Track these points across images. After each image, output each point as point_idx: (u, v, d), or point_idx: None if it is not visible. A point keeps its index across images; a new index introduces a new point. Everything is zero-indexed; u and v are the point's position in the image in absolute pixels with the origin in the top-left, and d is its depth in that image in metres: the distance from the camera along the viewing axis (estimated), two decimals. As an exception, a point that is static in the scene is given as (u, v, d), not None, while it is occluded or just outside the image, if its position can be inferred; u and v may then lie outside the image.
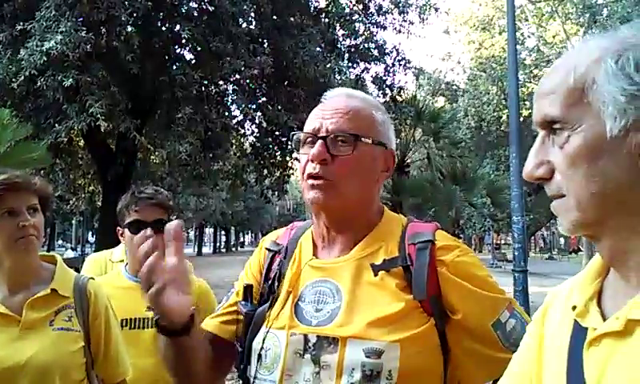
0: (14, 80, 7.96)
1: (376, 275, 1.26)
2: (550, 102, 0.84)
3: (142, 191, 2.40)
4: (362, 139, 1.31)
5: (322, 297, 1.29)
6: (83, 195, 15.38)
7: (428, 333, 1.22)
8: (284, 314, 1.30)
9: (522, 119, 13.75)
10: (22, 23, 8.01)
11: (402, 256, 1.28)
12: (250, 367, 1.34)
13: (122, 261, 2.97)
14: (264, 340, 1.31)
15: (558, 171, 0.84)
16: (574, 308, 0.88)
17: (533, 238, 42.79)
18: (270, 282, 1.41)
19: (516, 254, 8.88)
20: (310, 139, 1.33)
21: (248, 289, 1.41)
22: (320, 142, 1.30)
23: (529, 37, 23.63)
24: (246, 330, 1.38)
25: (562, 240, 47.97)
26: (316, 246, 1.40)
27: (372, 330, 1.19)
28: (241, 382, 1.40)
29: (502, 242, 45.39)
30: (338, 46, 11.88)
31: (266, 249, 1.49)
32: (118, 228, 2.45)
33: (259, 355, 1.31)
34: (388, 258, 1.28)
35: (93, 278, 2.16)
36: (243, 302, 1.40)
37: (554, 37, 22.89)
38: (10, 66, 8.07)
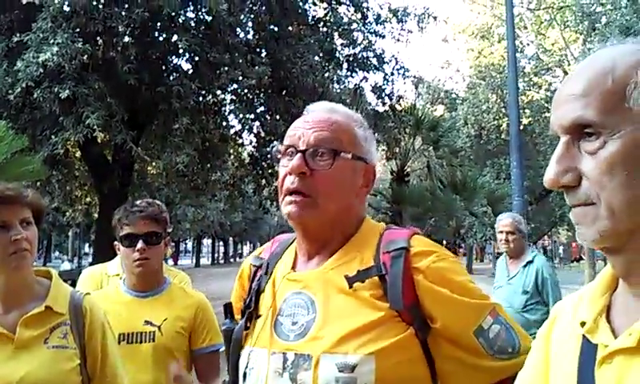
0: (10, 91, 7.94)
1: (351, 287, 1.24)
2: (584, 105, 0.79)
3: (135, 204, 2.40)
4: (342, 154, 1.30)
5: (298, 309, 1.28)
6: (80, 207, 15.35)
7: (407, 343, 1.19)
8: (265, 331, 1.30)
9: (521, 127, 13.71)
10: (18, 34, 8.02)
11: (377, 265, 1.25)
12: None
13: (118, 274, 2.93)
14: (248, 359, 1.31)
15: (587, 178, 0.79)
16: (583, 324, 0.86)
17: (534, 247, 42.78)
18: (249, 297, 1.41)
19: (517, 263, 8.78)
20: (289, 151, 1.33)
21: (227, 307, 1.43)
22: (299, 155, 1.29)
23: (528, 45, 23.67)
24: (227, 347, 1.39)
25: (560, 249, 47.93)
26: (296, 259, 1.39)
27: (345, 344, 1.17)
28: None
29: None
30: (337, 55, 11.87)
31: (251, 264, 1.49)
32: (115, 242, 2.43)
33: (244, 374, 1.31)
34: (362, 268, 1.26)
35: (89, 294, 2.10)
36: (225, 321, 1.42)
37: (553, 44, 22.93)
38: (6, 78, 8.05)
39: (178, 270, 3.16)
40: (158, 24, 9.63)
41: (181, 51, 9.89)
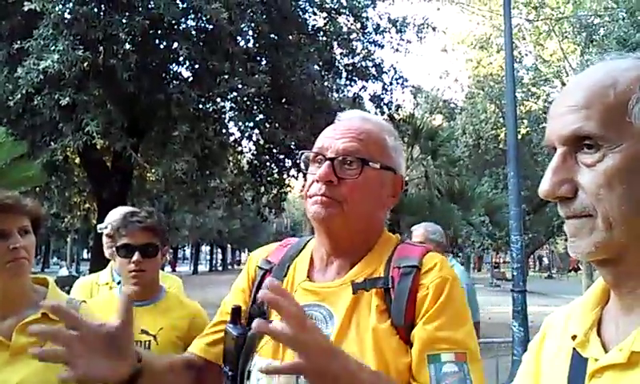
0: (10, 98, 7.96)
1: (355, 293, 1.23)
2: (584, 117, 0.79)
3: (134, 213, 2.35)
4: (370, 163, 1.29)
5: (315, 322, 1.23)
6: (78, 213, 15.31)
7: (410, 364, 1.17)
8: (276, 342, 1.25)
9: (519, 137, 13.74)
10: (19, 41, 8.03)
11: (385, 278, 1.24)
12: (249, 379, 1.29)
13: (107, 283, 2.93)
14: (256, 369, 1.27)
15: (584, 190, 0.79)
16: (574, 337, 0.85)
17: (531, 256, 42.70)
18: (260, 302, 1.33)
19: (515, 273, 8.79)
20: (318, 158, 1.32)
21: (236, 311, 1.36)
22: (327, 163, 1.28)
23: (526, 55, 23.75)
24: (237, 354, 1.32)
25: (558, 259, 47.88)
26: (312, 266, 1.36)
27: (359, 360, 1.13)
28: None
29: (501, 260, 45.31)
30: (336, 64, 11.91)
31: (258, 267, 1.44)
32: (112, 249, 2.39)
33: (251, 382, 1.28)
34: (370, 277, 1.24)
35: (85, 302, 2.10)
36: (232, 325, 1.34)
37: (551, 55, 23.00)
38: (7, 84, 8.07)
39: (170, 275, 3.17)
40: (159, 32, 9.67)
41: (181, 59, 9.94)
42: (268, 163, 12.40)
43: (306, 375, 1.01)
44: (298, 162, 12.76)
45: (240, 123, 10.66)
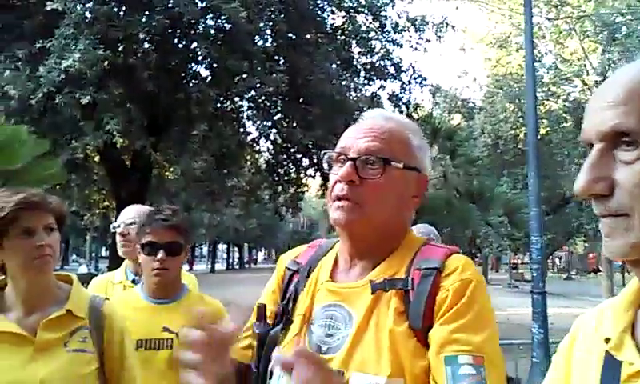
0: (32, 96, 8.06)
1: (373, 293, 1.22)
2: (623, 113, 0.76)
3: (159, 211, 2.36)
4: (393, 163, 1.28)
5: (334, 322, 1.24)
6: (98, 211, 15.50)
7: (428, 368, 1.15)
8: (298, 339, 1.27)
9: (539, 137, 13.60)
10: (40, 41, 8.13)
11: (405, 279, 1.22)
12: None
13: (122, 282, 2.94)
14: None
15: (621, 188, 0.77)
16: (607, 340, 0.83)
17: (550, 257, 42.29)
18: (285, 302, 1.37)
19: (534, 274, 8.68)
20: (340, 158, 1.31)
21: (261, 309, 1.36)
22: (349, 163, 1.27)
23: (546, 54, 23.48)
24: (259, 352, 1.33)
25: (577, 260, 47.37)
26: (336, 267, 1.36)
27: (377, 364, 1.14)
28: None
29: (520, 261, 44.92)
30: (354, 63, 11.90)
31: (286, 268, 1.45)
32: (137, 246, 2.40)
33: (272, 382, 1.26)
34: (389, 278, 1.23)
35: (108, 299, 2.12)
36: (257, 323, 1.35)
37: (571, 54, 22.73)
38: (29, 83, 8.17)
39: (186, 273, 3.20)
40: (178, 31, 9.74)
41: (200, 58, 10.00)
42: (285, 162, 12.43)
43: None
44: (315, 161, 12.82)
45: (258, 122, 10.69)
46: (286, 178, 12.52)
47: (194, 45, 9.63)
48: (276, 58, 10.60)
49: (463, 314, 1.15)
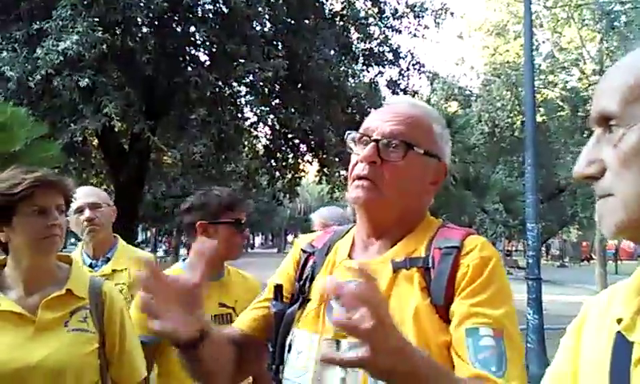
0: (30, 79, 8.00)
1: (395, 272, 1.25)
2: (608, 97, 0.80)
3: (233, 193, 2.60)
4: (415, 148, 1.30)
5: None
6: (96, 194, 15.43)
7: (449, 342, 1.19)
8: (316, 316, 1.30)
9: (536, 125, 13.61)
10: (38, 22, 8.06)
11: (426, 257, 1.25)
12: (282, 369, 1.33)
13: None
14: (295, 342, 1.31)
15: (609, 170, 0.80)
16: (620, 321, 0.84)
17: (544, 245, 42.52)
18: (301, 282, 1.41)
19: (530, 261, 8.78)
20: (364, 139, 1.33)
21: (278, 288, 1.41)
22: (372, 144, 1.30)
23: (543, 42, 23.45)
24: (276, 330, 1.37)
25: (570, 248, 47.56)
26: (354, 247, 1.39)
27: None
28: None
29: (514, 248, 45.11)
30: (353, 49, 11.85)
31: (302, 250, 1.49)
32: (201, 222, 2.43)
33: (291, 357, 1.31)
34: (410, 256, 1.26)
35: (107, 279, 2.15)
36: (274, 302, 1.40)
37: (569, 43, 22.71)
38: (27, 65, 8.11)
39: None
40: (177, 15, 9.67)
41: (198, 42, 9.95)
42: (283, 148, 12.41)
43: (369, 372, 0.99)
44: (312, 146, 12.83)
45: (256, 107, 10.66)
46: (283, 163, 12.50)
47: (193, 29, 9.57)
48: (274, 42, 10.55)
49: (484, 289, 1.19)
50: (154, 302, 1.08)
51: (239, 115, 11.31)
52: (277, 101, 11.50)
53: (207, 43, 9.74)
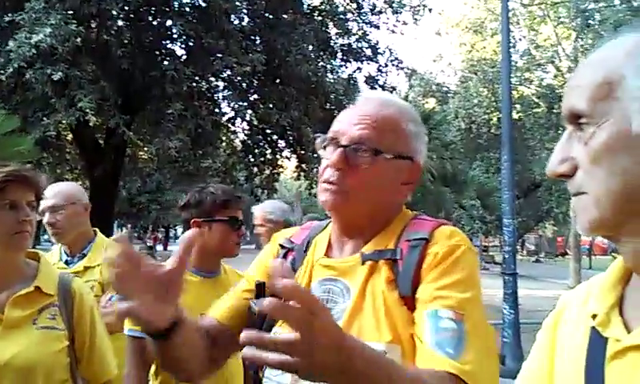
0: (1, 72, 7.86)
1: (363, 264, 1.24)
2: (577, 95, 0.80)
3: (229, 190, 2.57)
4: (383, 154, 1.28)
5: (332, 296, 1.27)
6: (70, 190, 15.23)
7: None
8: None
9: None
10: (10, 14, 7.90)
11: (394, 250, 1.25)
12: (263, 368, 1.31)
13: (54, 264, 2.91)
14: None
15: (580, 168, 0.79)
16: (594, 316, 0.83)
17: (520, 240, 43.10)
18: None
19: (506, 256, 8.86)
20: (334, 142, 1.32)
21: (261, 286, 1.33)
22: (340, 150, 1.28)
23: (520, 40, 23.73)
24: (259, 329, 1.34)
25: (545, 243, 48.30)
26: (330, 245, 1.39)
27: (375, 332, 1.16)
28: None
29: (490, 244, 45.64)
30: (331, 44, 11.85)
31: (280, 245, 1.47)
32: (195, 220, 2.44)
33: None
34: (379, 249, 1.26)
35: (77, 276, 2.10)
36: (256, 300, 1.34)
37: (545, 40, 23.01)
38: (-1, 57, 7.96)
39: None
40: (153, 8, 9.57)
41: (175, 36, 9.85)
42: (261, 143, 12.37)
43: (299, 367, 0.87)
44: (291, 142, 12.81)
45: (233, 102, 10.60)
46: (261, 159, 12.47)
47: (170, 22, 9.48)
48: (253, 37, 10.50)
49: (448, 274, 1.17)
50: (126, 281, 1.04)
51: (216, 110, 11.24)
52: (255, 96, 11.45)
53: (184, 37, 9.66)
